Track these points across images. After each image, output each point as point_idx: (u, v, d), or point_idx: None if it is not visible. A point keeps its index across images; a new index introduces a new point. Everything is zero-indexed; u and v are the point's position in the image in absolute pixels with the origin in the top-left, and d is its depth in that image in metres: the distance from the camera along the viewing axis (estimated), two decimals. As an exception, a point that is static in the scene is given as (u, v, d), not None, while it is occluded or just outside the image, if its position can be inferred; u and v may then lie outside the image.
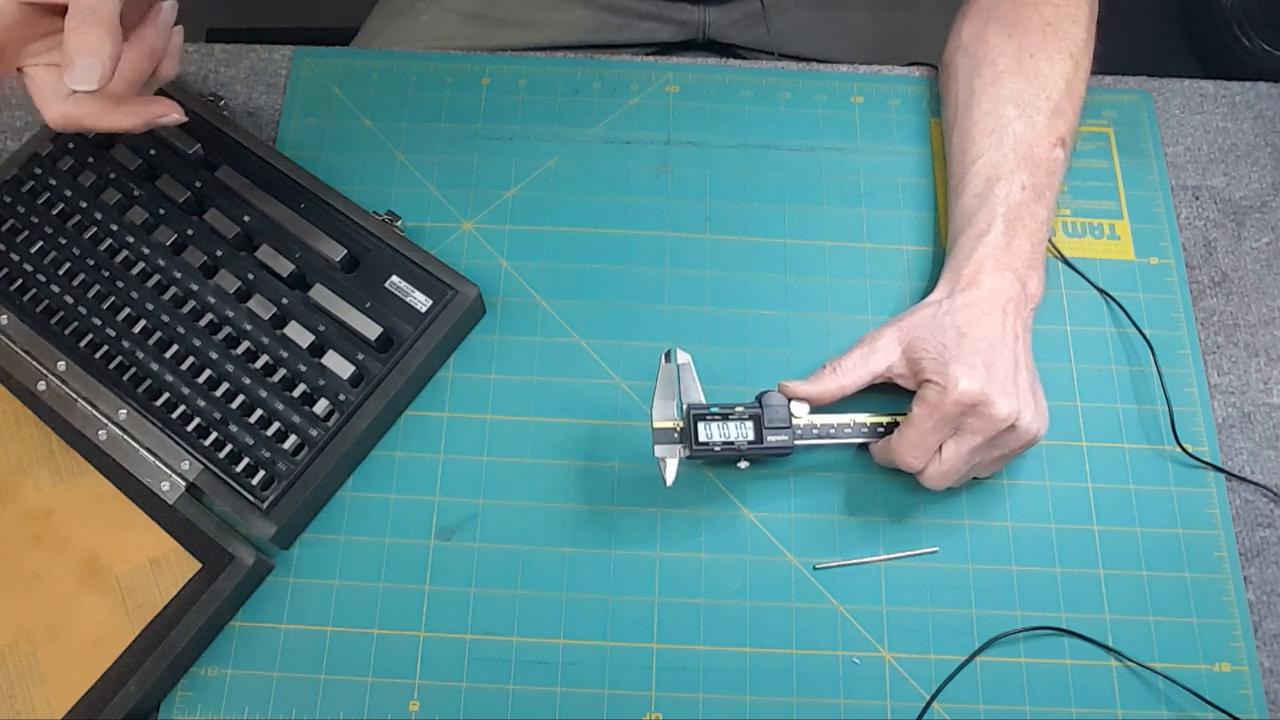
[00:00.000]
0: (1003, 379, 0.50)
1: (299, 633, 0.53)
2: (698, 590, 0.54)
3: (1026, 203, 0.55)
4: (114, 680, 0.50)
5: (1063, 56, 0.58)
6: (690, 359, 0.54)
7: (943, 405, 0.50)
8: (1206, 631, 0.53)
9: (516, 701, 0.51)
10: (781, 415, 0.52)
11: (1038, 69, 0.58)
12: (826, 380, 0.53)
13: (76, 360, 0.55)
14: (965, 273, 0.54)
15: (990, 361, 0.50)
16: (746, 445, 0.52)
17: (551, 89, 0.66)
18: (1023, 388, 0.51)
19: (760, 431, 0.52)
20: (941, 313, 0.52)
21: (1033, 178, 0.55)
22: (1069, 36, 0.59)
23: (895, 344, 0.53)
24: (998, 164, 0.56)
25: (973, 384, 0.49)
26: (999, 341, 0.51)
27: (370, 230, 0.58)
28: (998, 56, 0.59)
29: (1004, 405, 0.49)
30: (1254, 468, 0.57)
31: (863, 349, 0.54)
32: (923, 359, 0.52)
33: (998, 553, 0.55)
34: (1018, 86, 0.58)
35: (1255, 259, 0.63)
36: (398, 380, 0.55)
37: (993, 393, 0.49)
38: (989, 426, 0.50)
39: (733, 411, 0.52)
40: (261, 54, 0.68)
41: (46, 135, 0.61)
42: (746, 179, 0.64)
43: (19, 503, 0.54)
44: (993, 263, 0.53)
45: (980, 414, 0.49)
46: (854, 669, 0.52)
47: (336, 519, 0.55)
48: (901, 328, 0.53)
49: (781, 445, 0.52)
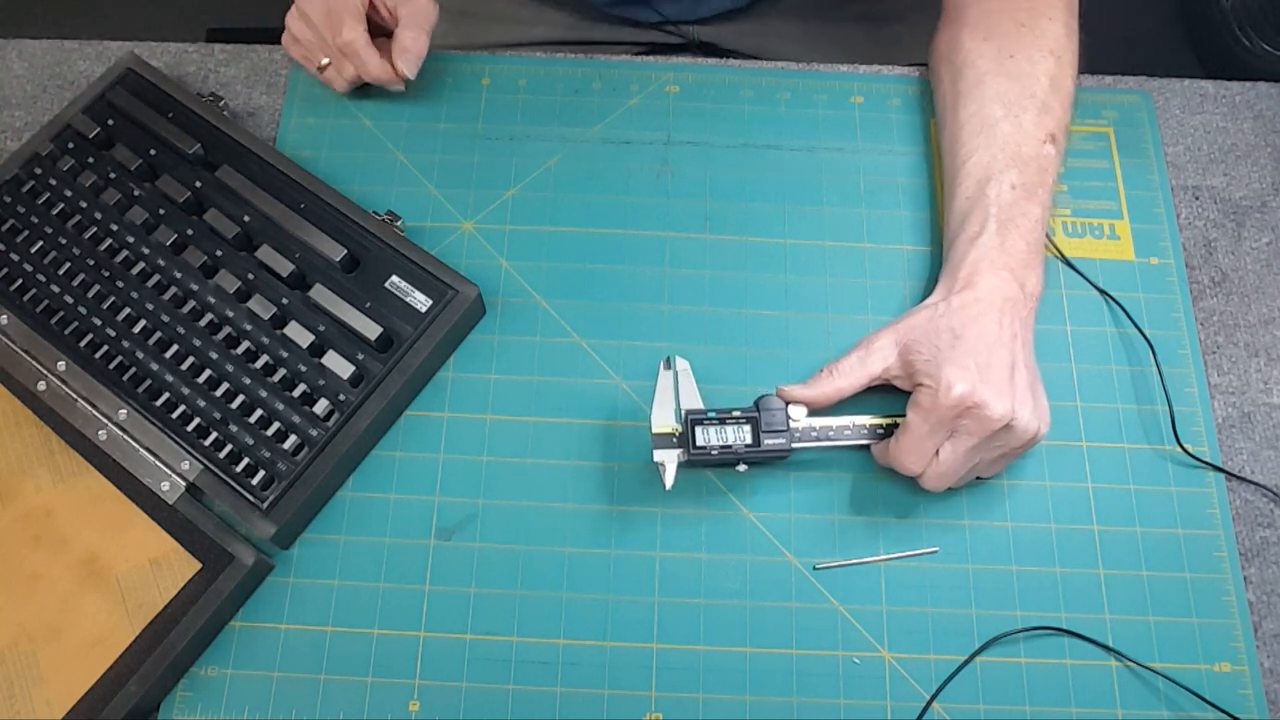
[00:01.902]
0: (997, 379, 0.50)
1: (299, 633, 0.53)
2: (698, 590, 0.54)
3: (1018, 201, 0.55)
4: (114, 680, 0.50)
5: (1043, 54, 0.58)
6: (689, 366, 0.54)
7: (936, 408, 0.50)
8: (1206, 631, 0.53)
9: (516, 701, 0.51)
10: (779, 419, 0.53)
11: (1019, 68, 0.58)
12: (823, 383, 0.53)
13: (76, 360, 0.55)
14: (961, 275, 0.54)
15: (985, 363, 0.50)
16: (744, 448, 0.52)
17: (551, 89, 0.66)
18: (1019, 387, 0.51)
19: (758, 435, 0.52)
20: (938, 315, 0.52)
21: (1023, 176, 0.55)
22: (1047, 34, 0.59)
23: (892, 346, 0.53)
24: (987, 165, 0.56)
25: (964, 386, 0.49)
26: (995, 342, 0.51)
27: (370, 230, 0.58)
28: (977, 60, 0.59)
29: (998, 406, 0.49)
30: (1254, 468, 0.57)
31: (860, 352, 0.54)
32: (917, 361, 0.52)
33: (998, 553, 0.55)
34: (1001, 87, 0.58)
35: (1255, 259, 0.63)
36: (398, 380, 0.55)
37: (986, 394, 0.49)
38: (983, 428, 0.50)
39: (730, 416, 0.52)
40: (261, 54, 0.68)
41: (46, 135, 0.61)
42: (746, 179, 0.64)
43: (19, 503, 0.54)
44: (988, 263, 0.53)
45: (974, 415, 0.49)
46: (854, 669, 0.52)
47: (336, 519, 0.55)
48: (898, 330, 0.53)
49: (779, 449, 0.52)
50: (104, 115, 0.61)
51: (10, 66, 0.68)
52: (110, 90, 0.62)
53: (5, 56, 0.68)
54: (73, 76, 0.67)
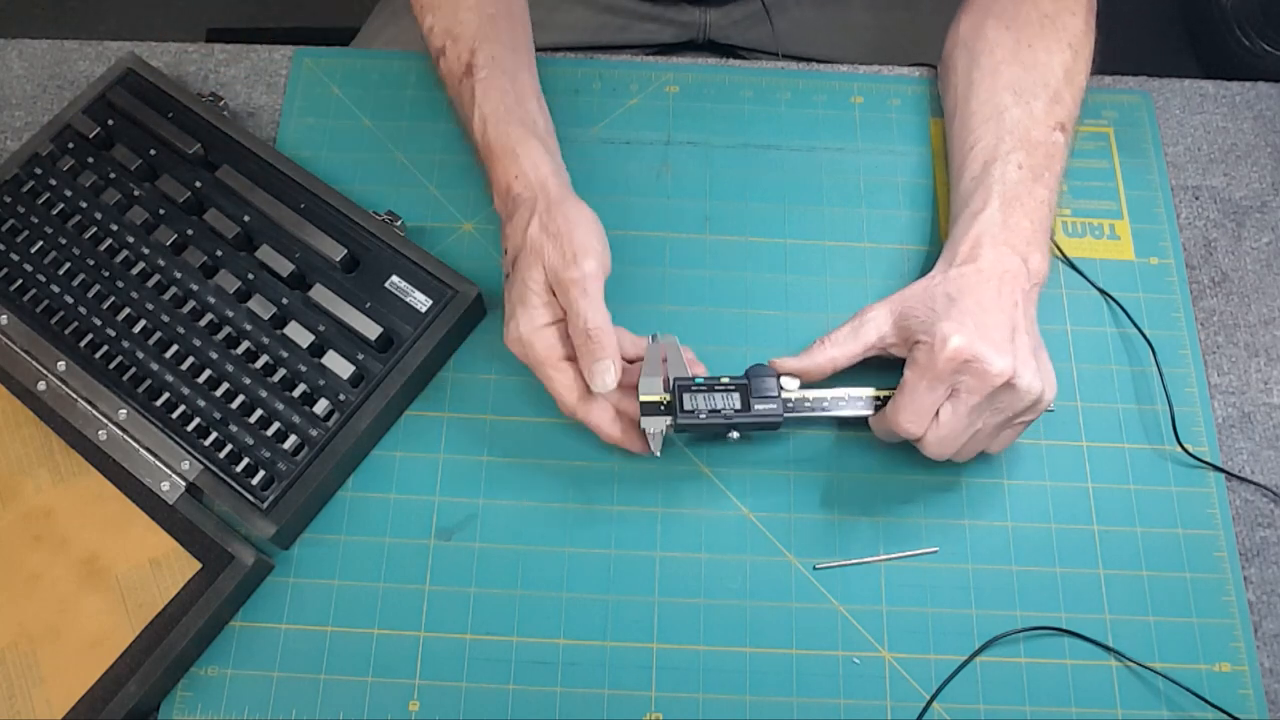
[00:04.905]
0: (996, 338, 0.49)
1: (299, 633, 0.53)
2: (698, 590, 0.54)
3: (1024, 181, 0.54)
4: (114, 680, 0.50)
5: (1061, 46, 0.58)
6: (676, 339, 0.54)
7: (934, 364, 0.48)
8: (1206, 631, 0.53)
9: (516, 701, 0.51)
10: (769, 385, 0.52)
11: (1035, 58, 0.58)
12: (816, 354, 0.53)
13: (76, 360, 0.55)
14: (961, 249, 0.53)
15: (982, 322, 0.49)
16: (733, 413, 0.51)
17: (551, 89, 0.66)
18: (1021, 347, 0.49)
19: (747, 401, 0.52)
20: (934, 284, 0.52)
21: (1030, 159, 0.55)
22: (1067, 28, 0.59)
23: (886, 315, 0.53)
24: (994, 147, 0.56)
25: (962, 339, 0.48)
26: (993, 306, 0.50)
27: (370, 230, 0.58)
28: (995, 48, 0.59)
29: (997, 361, 0.48)
30: (1254, 468, 0.57)
31: (853, 322, 0.53)
32: (912, 324, 0.51)
33: (998, 553, 0.55)
34: (1015, 75, 0.58)
35: (1255, 259, 0.63)
36: (398, 380, 0.55)
37: (984, 348, 0.48)
38: (984, 384, 0.48)
39: (718, 383, 0.52)
40: (261, 54, 0.68)
41: (46, 135, 0.61)
42: (746, 179, 0.64)
43: (19, 503, 0.54)
44: (989, 238, 0.53)
45: (973, 370, 0.48)
46: (854, 669, 0.52)
47: (336, 519, 0.55)
48: (893, 300, 0.53)
49: (770, 414, 0.51)
50: (104, 115, 0.61)
51: (10, 66, 0.68)
52: (110, 90, 0.62)
53: (5, 56, 0.68)
54: (73, 76, 0.67)
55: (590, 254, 0.51)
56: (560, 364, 0.52)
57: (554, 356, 0.52)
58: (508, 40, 0.59)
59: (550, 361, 0.52)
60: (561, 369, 0.52)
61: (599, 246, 0.52)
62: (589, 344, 0.50)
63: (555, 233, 0.51)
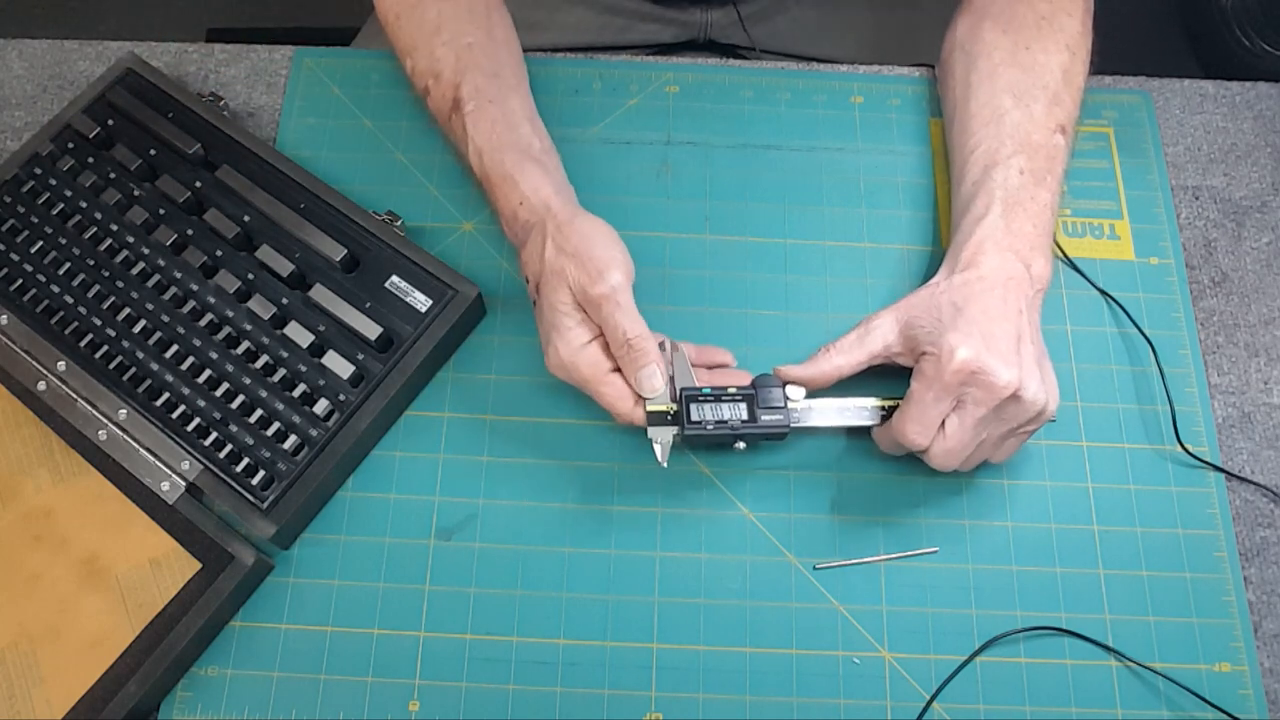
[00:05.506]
0: (1003, 349, 0.49)
1: (299, 633, 0.53)
2: (698, 590, 0.54)
3: (1025, 185, 0.54)
4: (114, 680, 0.50)
5: (1059, 48, 0.58)
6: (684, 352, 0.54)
7: (941, 376, 0.48)
8: (1206, 631, 0.53)
9: (516, 701, 0.51)
10: (776, 396, 0.52)
11: (1034, 60, 0.58)
12: (821, 362, 0.53)
13: (76, 360, 0.55)
14: (964, 255, 0.53)
15: (988, 333, 0.49)
16: (740, 424, 0.51)
17: (551, 89, 0.66)
18: (1026, 358, 0.49)
19: (754, 412, 0.52)
20: (939, 291, 0.52)
21: (1031, 162, 0.55)
22: (1064, 29, 0.59)
23: (892, 323, 0.52)
24: (995, 150, 0.56)
25: (969, 351, 0.48)
26: (999, 315, 0.50)
27: (370, 230, 0.58)
28: (993, 51, 0.59)
29: (1004, 373, 0.48)
30: (1254, 468, 0.57)
31: (859, 330, 0.53)
32: (919, 334, 0.51)
33: (998, 553, 0.55)
34: (1014, 78, 0.58)
35: (1255, 259, 0.63)
36: (398, 380, 0.55)
37: (991, 360, 0.48)
38: (990, 396, 0.48)
39: (725, 393, 0.52)
40: (261, 54, 0.68)
41: (46, 135, 0.61)
42: (746, 179, 0.64)
43: (19, 503, 0.54)
44: (992, 243, 0.53)
45: (979, 383, 0.48)
46: (854, 669, 0.52)
47: (336, 519, 0.55)
48: (898, 308, 0.53)
49: (777, 425, 0.51)
50: (104, 115, 0.61)
51: (10, 66, 0.68)
52: (110, 90, 0.62)
53: (5, 56, 0.68)
54: (73, 76, 0.67)
55: (613, 265, 0.51)
56: (607, 378, 0.52)
57: (600, 373, 0.52)
58: (489, 67, 0.58)
59: (597, 378, 0.52)
60: (609, 383, 0.52)
61: (620, 255, 0.52)
62: (631, 353, 0.51)
63: (573, 252, 0.51)
